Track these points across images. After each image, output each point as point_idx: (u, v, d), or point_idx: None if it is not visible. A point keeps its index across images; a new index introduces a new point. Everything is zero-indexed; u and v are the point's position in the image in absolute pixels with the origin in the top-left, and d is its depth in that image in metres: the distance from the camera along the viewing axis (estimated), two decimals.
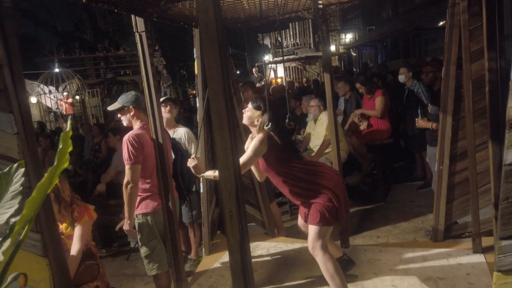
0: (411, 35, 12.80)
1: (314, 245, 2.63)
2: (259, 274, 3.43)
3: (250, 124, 2.74)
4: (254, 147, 2.59)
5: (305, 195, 2.71)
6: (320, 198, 2.64)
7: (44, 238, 1.72)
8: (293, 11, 3.47)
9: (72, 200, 2.83)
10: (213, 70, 1.48)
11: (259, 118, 2.67)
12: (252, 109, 2.70)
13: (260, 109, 2.67)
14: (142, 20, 2.79)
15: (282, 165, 2.68)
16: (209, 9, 1.44)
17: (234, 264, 1.59)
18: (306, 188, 2.69)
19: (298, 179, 2.69)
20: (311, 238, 2.65)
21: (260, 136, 2.61)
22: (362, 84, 5.56)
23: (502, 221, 1.25)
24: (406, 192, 5.45)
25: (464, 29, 3.04)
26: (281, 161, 2.69)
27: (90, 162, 7.41)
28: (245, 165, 2.59)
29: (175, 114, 4.07)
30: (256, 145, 2.59)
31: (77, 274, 2.61)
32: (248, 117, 2.73)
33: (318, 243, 2.61)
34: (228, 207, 1.57)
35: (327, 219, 2.61)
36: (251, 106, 2.71)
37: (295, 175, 2.68)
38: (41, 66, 17.71)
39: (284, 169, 2.69)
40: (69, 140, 1.15)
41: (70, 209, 2.79)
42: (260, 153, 2.62)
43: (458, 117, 3.33)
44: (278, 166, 2.69)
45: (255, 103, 2.70)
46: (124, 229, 2.96)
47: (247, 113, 2.73)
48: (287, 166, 2.69)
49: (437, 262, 3.18)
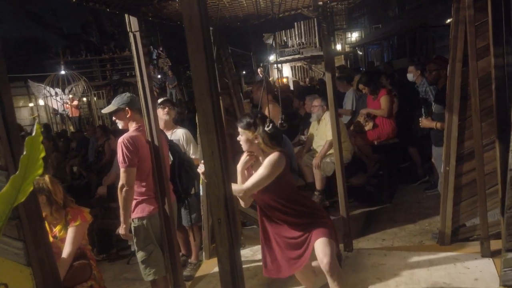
0: (417, 33, 12.63)
1: (331, 261, 2.31)
2: (259, 279, 3.34)
3: (253, 147, 2.44)
4: (270, 166, 2.32)
5: (308, 214, 2.48)
6: (322, 216, 2.49)
7: (27, 246, 1.65)
8: (293, 8, 3.38)
9: (66, 203, 2.79)
10: (198, 68, 1.40)
11: (256, 136, 2.39)
12: (244, 131, 2.41)
13: (250, 126, 2.38)
14: (135, 19, 2.71)
15: (288, 188, 2.46)
16: (192, 4, 1.36)
17: (223, 274, 1.51)
18: (309, 206, 2.52)
19: (298, 203, 2.49)
20: (326, 252, 2.32)
21: (277, 154, 2.34)
22: (365, 84, 5.44)
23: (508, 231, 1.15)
24: (413, 193, 5.32)
25: (470, 25, 2.92)
26: (289, 183, 2.46)
27: (94, 164, 7.40)
28: (256, 187, 2.35)
29: (173, 115, 4.00)
30: (272, 164, 2.32)
31: (68, 274, 2.57)
32: (245, 141, 2.43)
33: (334, 257, 2.32)
34: (216, 214, 1.49)
35: (334, 234, 2.45)
36: (241, 130, 2.42)
37: (296, 200, 2.48)
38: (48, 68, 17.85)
39: (288, 193, 2.45)
40: (40, 146, 1.08)
41: (63, 211, 2.76)
42: (275, 173, 2.35)
43: (465, 116, 3.21)
44: (285, 187, 2.43)
45: (242, 123, 2.42)
46: (120, 233, 2.90)
47: (242, 138, 2.44)
48: (291, 188, 2.48)
49: (443, 266, 3.06)
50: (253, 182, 2.35)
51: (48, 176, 2.77)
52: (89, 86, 15.38)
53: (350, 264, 3.32)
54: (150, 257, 2.86)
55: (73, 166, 8.23)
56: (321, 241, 2.37)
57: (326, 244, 2.36)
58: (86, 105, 17.12)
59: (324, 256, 2.32)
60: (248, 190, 2.38)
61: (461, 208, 3.36)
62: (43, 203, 2.67)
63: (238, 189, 2.41)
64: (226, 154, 1.50)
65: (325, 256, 2.32)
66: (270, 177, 2.35)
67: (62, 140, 9.70)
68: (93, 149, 7.80)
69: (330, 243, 2.37)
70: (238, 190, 2.41)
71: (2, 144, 1.62)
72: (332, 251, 2.34)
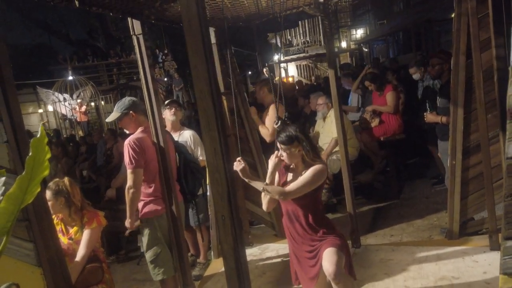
0: (423, 27, 12.53)
1: (337, 270, 2.29)
2: (268, 277, 3.36)
3: (298, 161, 2.47)
4: (315, 176, 2.38)
5: (325, 225, 2.51)
6: (336, 234, 2.49)
7: (37, 248, 1.69)
8: (294, 7, 3.39)
9: (83, 205, 2.84)
10: (198, 68, 1.42)
11: (299, 148, 2.41)
12: (287, 147, 2.40)
13: (293, 140, 2.39)
14: (139, 22, 2.75)
15: (318, 202, 2.53)
16: (191, 5, 1.39)
17: (229, 270, 1.53)
18: (329, 226, 2.53)
19: (320, 219, 2.52)
20: (332, 261, 2.31)
21: (323, 167, 2.42)
22: (371, 81, 5.43)
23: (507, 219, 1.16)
24: (421, 188, 5.29)
25: (472, 17, 2.91)
26: (320, 198, 2.56)
27: (103, 167, 7.48)
28: (298, 192, 2.38)
29: (180, 116, 4.03)
30: (317, 174, 2.38)
31: (80, 277, 2.61)
32: (289, 156, 2.43)
33: (340, 267, 2.31)
34: (220, 211, 1.51)
35: (346, 248, 2.45)
36: (283, 146, 2.42)
37: (320, 216, 2.53)
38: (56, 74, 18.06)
39: (315, 207, 2.51)
40: (45, 147, 1.11)
41: (80, 214, 2.80)
42: (317, 183, 2.41)
43: (470, 109, 3.19)
44: (316, 200, 2.50)
45: (284, 139, 2.40)
46: (126, 226, 2.93)
47: (285, 153, 2.43)
48: (319, 203, 2.55)
49: (452, 260, 3.05)
50: (296, 187, 2.38)
51: (67, 179, 2.82)
52: (97, 91, 15.53)
53: (357, 260, 3.32)
54: (158, 257, 2.90)
55: (83, 170, 8.33)
56: (329, 250, 2.37)
57: (334, 253, 2.35)
58: (94, 110, 17.29)
59: (330, 265, 2.31)
60: (290, 194, 2.40)
61: (469, 202, 3.34)
62: (62, 205, 2.72)
63: (279, 190, 2.42)
64: (228, 151, 1.52)
65: (331, 265, 2.31)
66: (312, 186, 2.39)
67: (71, 145, 9.81)
68: (102, 153, 7.88)
69: (338, 253, 2.36)
70: (279, 192, 2.41)
71: (11, 148, 1.66)
72: (339, 261, 2.33)
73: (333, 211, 4.89)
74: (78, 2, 2.30)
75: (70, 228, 2.83)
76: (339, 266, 2.30)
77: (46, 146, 1.11)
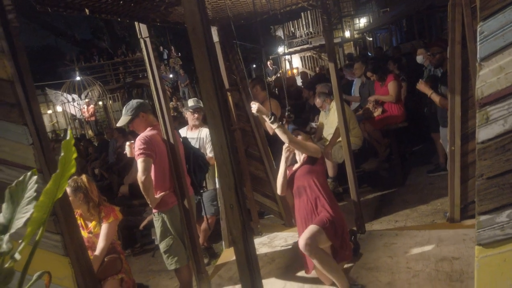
0: (425, 14, 12.49)
1: (305, 243, 2.63)
2: (277, 264, 3.52)
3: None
4: (311, 145, 3.09)
5: (328, 203, 2.89)
6: (334, 212, 2.84)
7: (64, 239, 1.86)
8: (293, 3, 3.51)
9: (100, 201, 3.02)
10: (204, 72, 1.57)
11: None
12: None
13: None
14: (145, 26, 2.89)
15: (323, 175, 3.07)
16: (195, 13, 1.52)
17: (239, 254, 1.68)
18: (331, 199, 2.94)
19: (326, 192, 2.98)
20: (305, 236, 2.67)
21: (319, 147, 3.26)
22: (373, 72, 5.53)
23: (479, 197, 1.28)
24: (425, 175, 5.40)
25: (466, 7, 3.01)
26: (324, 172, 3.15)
27: (114, 165, 7.68)
28: (297, 145, 2.94)
29: (201, 118, 4.18)
30: (312, 145, 3.12)
31: (101, 268, 2.79)
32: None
33: (311, 241, 2.64)
34: (228, 200, 1.66)
35: (332, 228, 2.75)
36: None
37: (326, 190, 2.98)
38: (63, 75, 18.34)
39: (322, 179, 3.02)
40: (72, 148, 1.26)
41: (97, 209, 2.98)
42: (310, 151, 3.02)
43: (467, 96, 3.30)
44: (322, 173, 3.05)
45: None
46: (151, 206, 3.07)
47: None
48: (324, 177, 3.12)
49: (452, 242, 3.18)
50: (299, 141, 2.95)
51: (85, 176, 3.01)
52: (104, 90, 15.75)
53: (362, 245, 3.46)
54: (171, 248, 3.06)
55: (95, 169, 8.55)
56: (311, 226, 2.75)
57: (312, 230, 2.70)
58: (102, 109, 17.55)
59: (302, 238, 2.67)
60: (292, 141, 2.90)
61: (469, 186, 3.45)
62: (81, 201, 2.90)
63: (287, 134, 2.92)
64: (234, 146, 1.67)
65: (302, 239, 2.66)
66: (309, 150, 2.96)
67: (82, 144, 10.04)
68: (113, 151, 8.08)
69: (317, 230, 2.69)
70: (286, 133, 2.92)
71: (36, 150, 1.83)
72: (312, 237, 2.65)
73: (340, 200, 5.02)
74: (88, 10, 2.44)
75: (89, 222, 3.01)
76: (311, 240, 2.63)
77: (73, 147, 1.26)
